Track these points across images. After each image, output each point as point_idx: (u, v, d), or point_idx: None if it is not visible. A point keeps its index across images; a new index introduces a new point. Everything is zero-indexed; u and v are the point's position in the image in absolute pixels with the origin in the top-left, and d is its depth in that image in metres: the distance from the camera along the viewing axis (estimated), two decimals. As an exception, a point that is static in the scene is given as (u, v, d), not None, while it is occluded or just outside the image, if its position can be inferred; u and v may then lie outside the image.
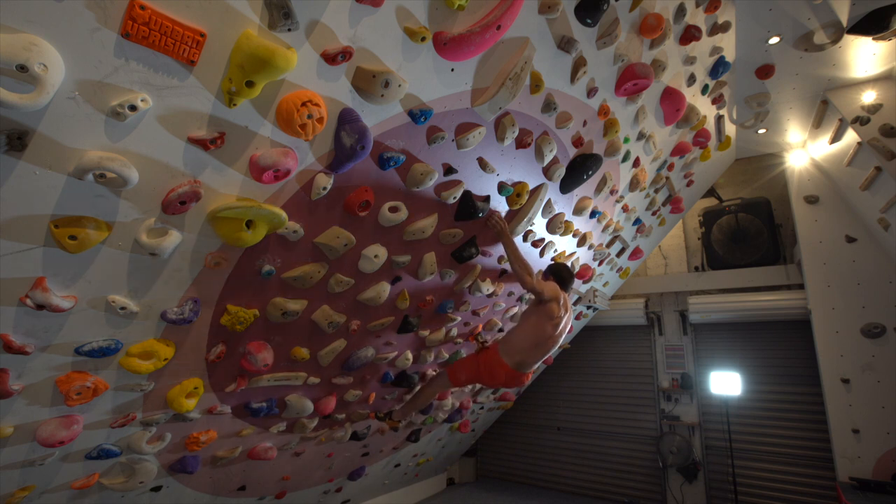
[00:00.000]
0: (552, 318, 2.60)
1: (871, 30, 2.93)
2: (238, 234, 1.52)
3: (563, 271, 2.79)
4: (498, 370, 2.69)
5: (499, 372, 2.69)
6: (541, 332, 2.62)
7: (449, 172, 2.13)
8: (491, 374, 2.72)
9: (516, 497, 5.48)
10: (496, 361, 2.70)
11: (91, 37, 1.03)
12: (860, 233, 4.22)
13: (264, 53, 1.21)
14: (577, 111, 2.44)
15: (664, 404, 5.26)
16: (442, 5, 1.53)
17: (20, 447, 1.69)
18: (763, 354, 4.91)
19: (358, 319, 2.42)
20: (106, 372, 1.69)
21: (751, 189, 5.38)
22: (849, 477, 3.83)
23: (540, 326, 2.62)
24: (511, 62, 1.88)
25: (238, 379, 2.16)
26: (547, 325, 2.61)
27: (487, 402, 4.90)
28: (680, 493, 4.96)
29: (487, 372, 2.73)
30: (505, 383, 2.76)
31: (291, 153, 1.51)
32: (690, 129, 3.52)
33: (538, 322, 2.63)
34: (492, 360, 2.73)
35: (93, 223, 1.29)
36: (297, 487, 3.42)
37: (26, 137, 1.07)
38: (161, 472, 2.29)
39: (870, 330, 4.00)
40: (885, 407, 3.86)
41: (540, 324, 2.62)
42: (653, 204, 4.10)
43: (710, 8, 2.67)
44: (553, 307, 2.59)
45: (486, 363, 2.75)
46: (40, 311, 1.34)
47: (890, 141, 3.30)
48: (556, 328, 2.65)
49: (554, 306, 2.59)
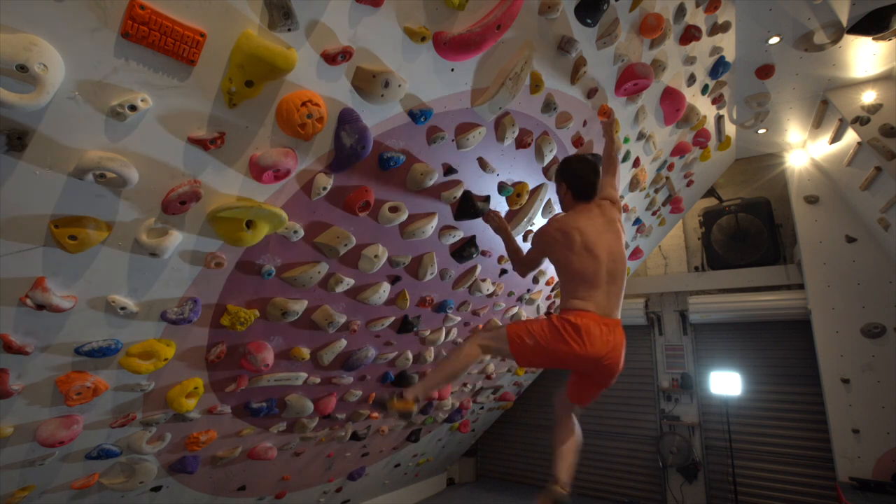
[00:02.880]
0: (569, 244, 1.97)
1: (871, 30, 2.93)
2: (238, 234, 1.52)
3: (572, 172, 2.11)
4: (586, 322, 1.85)
5: (587, 324, 1.84)
6: (581, 261, 1.95)
7: (449, 172, 2.13)
8: (582, 332, 1.84)
9: (516, 497, 5.48)
10: (573, 314, 1.89)
11: (91, 37, 1.03)
12: (860, 233, 4.22)
13: (264, 53, 1.21)
14: (577, 111, 2.44)
15: (664, 404, 5.26)
16: (442, 5, 1.53)
17: (20, 447, 1.69)
18: (763, 354, 4.91)
19: (358, 319, 2.42)
20: (106, 372, 1.69)
21: (751, 189, 5.38)
22: (849, 477, 3.83)
23: (568, 261, 1.98)
24: (511, 62, 1.88)
25: (238, 379, 2.16)
26: (572, 257, 1.96)
27: (487, 403, 4.90)
28: (680, 493, 4.95)
29: (577, 328, 1.84)
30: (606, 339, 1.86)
31: (291, 153, 1.51)
32: (690, 129, 3.52)
33: (565, 258, 2.00)
34: (567, 316, 1.90)
35: (93, 223, 1.29)
36: (297, 487, 3.42)
37: (26, 137, 1.07)
38: (161, 472, 2.29)
39: (870, 330, 4.00)
40: (885, 407, 3.86)
41: (567, 258, 1.98)
42: (653, 204, 4.10)
43: (710, 8, 2.67)
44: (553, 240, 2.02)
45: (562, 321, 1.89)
46: (40, 311, 1.34)
47: (890, 141, 3.30)
48: (591, 241, 1.96)
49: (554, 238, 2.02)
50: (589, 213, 2.06)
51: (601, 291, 1.95)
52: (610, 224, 2.05)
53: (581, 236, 1.97)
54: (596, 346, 1.85)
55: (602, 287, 1.95)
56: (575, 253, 1.97)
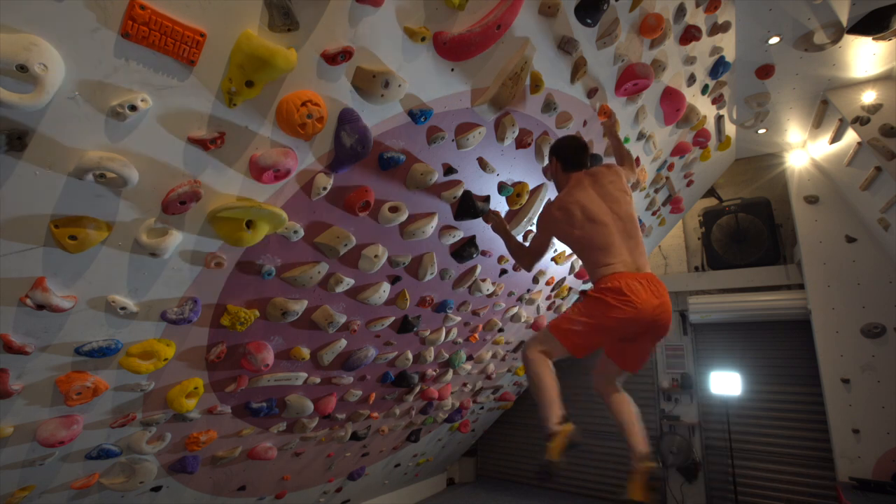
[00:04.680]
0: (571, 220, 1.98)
1: (871, 30, 2.92)
2: (238, 234, 1.52)
3: (559, 145, 2.18)
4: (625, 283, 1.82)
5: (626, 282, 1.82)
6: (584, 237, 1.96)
7: (449, 172, 2.13)
8: (624, 296, 1.79)
9: (516, 497, 5.48)
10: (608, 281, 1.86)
11: (91, 37, 1.03)
12: (860, 233, 4.21)
13: (264, 53, 1.21)
14: (577, 111, 2.44)
15: (664, 404, 5.26)
16: (442, 5, 1.53)
17: (20, 447, 1.68)
18: (763, 354, 4.91)
19: (358, 319, 2.42)
20: (106, 372, 1.69)
21: (751, 189, 5.38)
22: (849, 477, 3.83)
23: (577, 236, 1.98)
24: (511, 62, 1.88)
25: (238, 379, 2.16)
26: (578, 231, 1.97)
27: (487, 403, 4.90)
28: (680, 493, 4.95)
29: (618, 293, 1.80)
30: (650, 296, 1.81)
31: (291, 153, 1.51)
32: (690, 129, 3.52)
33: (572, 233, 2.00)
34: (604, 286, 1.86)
35: (93, 223, 1.29)
36: (297, 487, 3.42)
37: (26, 137, 1.07)
38: (161, 472, 2.29)
39: (870, 330, 4.00)
40: (885, 407, 3.86)
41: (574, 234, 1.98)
42: (653, 204, 4.10)
43: (710, 8, 2.67)
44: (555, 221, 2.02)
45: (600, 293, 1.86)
46: (40, 311, 1.34)
47: (890, 141, 3.30)
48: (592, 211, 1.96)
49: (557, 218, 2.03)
50: (581, 185, 2.06)
51: (622, 251, 1.93)
52: (606, 189, 2.04)
53: (580, 209, 1.97)
54: (644, 299, 1.79)
55: (621, 247, 1.93)
56: (578, 227, 1.97)
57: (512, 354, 4.29)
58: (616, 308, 1.79)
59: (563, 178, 2.15)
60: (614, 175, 2.11)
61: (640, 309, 1.78)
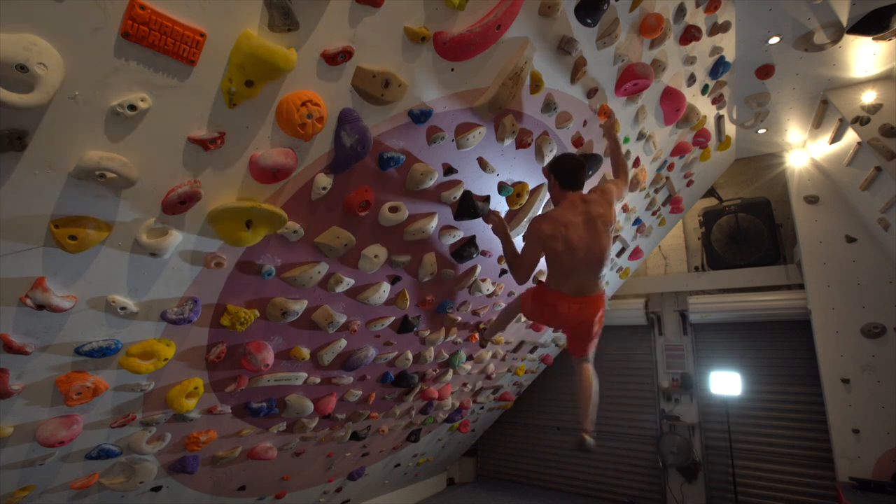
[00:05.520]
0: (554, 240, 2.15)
1: (871, 30, 2.92)
2: (238, 234, 1.52)
3: (558, 163, 2.27)
4: (556, 300, 2.32)
5: (555, 302, 2.32)
6: (558, 255, 2.18)
7: (449, 172, 2.13)
8: (553, 307, 2.35)
9: (516, 497, 5.48)
10: (548, 293, 2.36)
11: (91, 37, 1.03)
12: (860, 233, 4.21)
13: (264, 53, 1.21)
14: (577, 111, 2.44)
15: (664, 404, 5.26)
16: (442, 5, 1.53)
17: (20, 447, 1.68)
18: (763, 354, 4.91)
19: (358, 319, 2.42)
20: (106, 372, 1.69)
21: (751, 189, 5.38)
22: (849, 477, 3.83)
23: (553, 252, 2.19)
24: (511, 62, 1.88)
25: (238, 379, 2.16)
26: (555, 251, 2.17)
27: (487, 403, 4.90)
28: (680, 493, 4.95)
29: (551, 304, 2.36)
30: (574, 314, 2.33)
31: (291, 153, 1.51)
32: (690, 129, 3.53)
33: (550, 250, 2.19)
34: (544, 293, 2.39)
35: (93, 223, 1.29)
36: (297, 487, 3.42)
37: (26, 137, 1.07)
38: (161, 472, 2.29)
39: (870, 330, 4.00)
40: (885, 407, 3.86)
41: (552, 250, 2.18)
42: (653, 204, 4.10)
43: (710, 8, 2.67)
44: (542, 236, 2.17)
45: (541, 295, 2.42)
46: (40, 311, 1.34)
47: (890, 141, 3.30)
48: (571, 240, 2.15)
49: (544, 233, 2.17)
50: (574, 208, 2.19)
51: (577, 279, 2.27)
52: (594, 223, 2.19)
53: (564, 233, 2.15)
54: (566, 314, 2.34)
55: (577, 277, 2.26)
56: (558, 249, 2.18)
57: (512, 354, 4.29)
58: (548, 308, 2.39)
59: (560, 195, 2.27)
60: (606, 206, 2.24)
61: (563, 318, 2.39)
